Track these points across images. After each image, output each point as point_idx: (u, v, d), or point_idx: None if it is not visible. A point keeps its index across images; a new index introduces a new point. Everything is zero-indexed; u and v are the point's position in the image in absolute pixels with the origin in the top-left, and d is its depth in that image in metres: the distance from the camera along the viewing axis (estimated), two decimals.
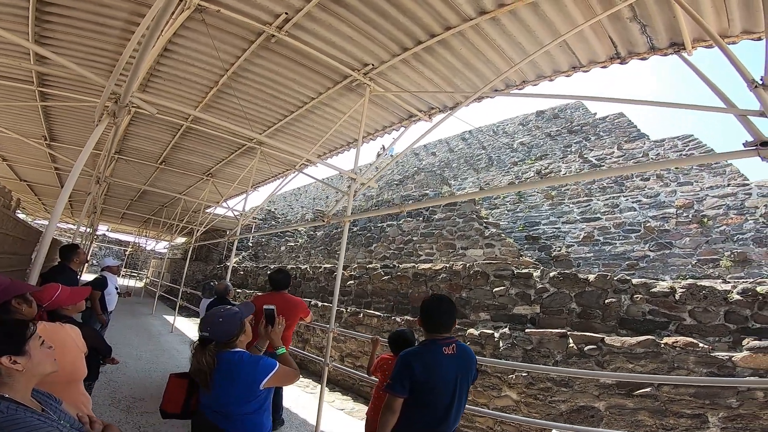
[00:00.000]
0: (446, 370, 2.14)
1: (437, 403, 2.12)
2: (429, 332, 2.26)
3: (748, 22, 2.96)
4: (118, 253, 31.03)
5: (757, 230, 7.74)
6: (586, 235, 9.99)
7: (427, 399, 2.10)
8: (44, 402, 1.33)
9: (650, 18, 3.15)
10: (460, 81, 4.50)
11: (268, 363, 1.97)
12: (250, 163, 7.72)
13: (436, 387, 2.10)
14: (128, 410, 4.29)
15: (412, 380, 2.08)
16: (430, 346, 2.19)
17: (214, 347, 1.95)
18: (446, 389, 2.13)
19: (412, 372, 2.08)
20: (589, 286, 5.16)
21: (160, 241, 21.37)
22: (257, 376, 1.92)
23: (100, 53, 4.49)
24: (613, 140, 12.91)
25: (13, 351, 1.21)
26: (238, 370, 1.91)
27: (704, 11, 2.92)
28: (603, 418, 4.02)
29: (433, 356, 2.14)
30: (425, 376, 2.08)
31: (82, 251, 4.45)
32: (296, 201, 28.60)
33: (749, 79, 2.26)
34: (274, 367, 1.97)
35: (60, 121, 6.90)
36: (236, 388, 1.91)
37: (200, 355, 1.92)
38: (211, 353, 1.92)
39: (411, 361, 2.11)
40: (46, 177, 11.47)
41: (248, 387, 1.92)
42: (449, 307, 2.28)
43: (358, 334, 6.20)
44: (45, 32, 4.16)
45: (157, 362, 6.62)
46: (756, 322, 4.15)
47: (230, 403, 1.91)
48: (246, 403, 1.93)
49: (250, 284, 12.81)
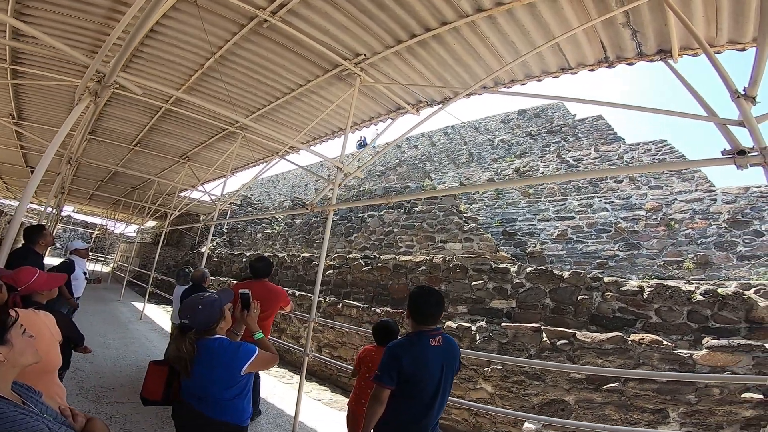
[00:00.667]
0: (433, 362, 2.17)
1: (423, 394, 2.15)
2: (417, 324, 2.28)
3: (736, 32, 3.07)
4: (85, 236, 29.82)
5: (719, 235, 8.17)
6: (560, 233, 10.31)
7: (413, 390, 2.14)
8: (24, 395, 1.24)
9: (642, 24, 3.24)
10: (451, 76, 4.53)
11: (248, 348, 2.00)
12: (230, 148, 7.55)
13: (422, 378, 2.14)
14: (98, 400, 4.18)
15: (399, 372, 2.11)
16: (418, 337, 2.22)
17: (194, 334, 1.96)
18: (432, 380, 2.17)
19: (400, 364, 2.11)
20: (563, 282, 5.35)
21: (130, 224, 20.65)
22: (237, 362, 1.95)
23: (81, 32, 4.29)
24: (591, 142, 13.30)
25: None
26: (218, 356, 1.94)
27: (696, 19, 3.01)
28: (572, 411, 4.21)
29: (420, 348, 2.17)
30: (413, 368, 2.11)
31: (48, 233, 4.19)
32: (274, 188, 28.18)
33: (732, 89, 2.37)
34: (254, 353, 2.00)
35: (30, 100, 6.57)
36: (217, 374, 1.93)
37: (180, 343, 1.93)
38: (191, 340, 1.93)
39: (399, 353, 2.15)
40: (10, 155, 10.88)
41: (229, 373, 1.94)
42: (438, 299, 2.30)
43: (339, 324, 6.23)
44: (25, 9, 3.94)
45: (126, 351, 6.45)
46: (715, 321, 4.41)
47: (211, 389, 1.93)
48: (227, 389, 1.95)
49: (225, 271, 12.60)
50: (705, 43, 2.57)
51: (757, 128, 2.25)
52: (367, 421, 2.16)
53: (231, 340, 2.07)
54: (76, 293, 5.36)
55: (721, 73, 2.43)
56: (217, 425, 1.96)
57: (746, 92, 2.28)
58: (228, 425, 1.98)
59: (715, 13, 2.96)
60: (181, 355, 1.90)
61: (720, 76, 2.44)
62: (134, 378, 5.05)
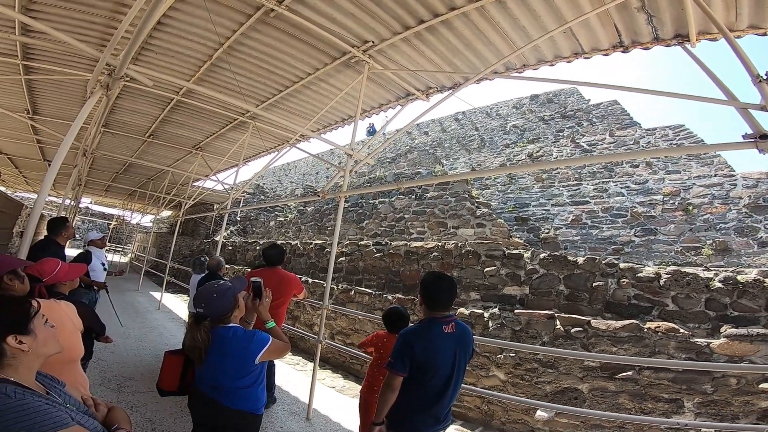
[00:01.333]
0: (445, 349, 2.16)
1: (436, 381, 2.15)
2: (429, 310, 2.26)
3: (757, 17, 2.97)
4: (102, 227, 30.43)
5: (739, 220, 7.96)
6: (575, 218, 10.16)
7: (426, 377, 2.13)
8: (48, 385, 1.26)
9: (658, 9, 3.14)
10: (461, 62, 4.45)
11: (262, 337, 2.01)
12: (241, 138, 7.59)
13: (435, 365, 2.13)
14: (119, 390, 4.29)
15: (412, 359, 2.11)
16: (431, 324, 2.20)
17: (208, 323, 1.97)
18: (445, 367, 2.16)
19: (413, 351, 2.10)
20: (577, 268, 5.29)
21: (146, 214, 21.00)
22: (252, 350, 1.95)
23: (89, 26, 4.32)
24: (606, 127, 12.99)
25: (18, 330, 1.14)
26: (232, 345, 1.95)
27: (714, 4, 2.91)
28: (586, 400, 4.20)
29: (433, 335, 2.16)
30: (426, 355, 2.11)
31: (70, 225, 4.30)
32: (285, 176, 28.31)
33: (754, 73, 2.29)
34: (268, 342, 2.01)
35: (44, 95, 6.67)
36: (231, 363, 1.94)
37: (195, 332, 1.94)
38: (205, 329, 1.94)
39: (412, 340, 2.14)
40: (27, 150, 11.12)
41: (243, 362, 1.95)
42: (450, 285, 2.28)
43: (351, 311, 6.29)
44: (32, 5, 3.97)
45: (145, 340, 6.60)
46: (734, 310, 4.32)
47: (226, 377, 1.94)
48: (241, 378, 1.96)
49: (239, 260, 12.78)
50: (725, 28, 2.49)
51: None
52: (379, 407, 2.18)
53: (245, 329, 2.08)
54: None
55: (742, 58, 2.34)
56: (233, 413, 1.96)
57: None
58: (243, 413, 1.99)
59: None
60: (196, 344, 1.92)
61: (741, 60, 2.35)
62: (154, 367, 5.15)
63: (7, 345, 1.12)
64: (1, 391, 1.04)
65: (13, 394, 1.05)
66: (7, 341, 1.12)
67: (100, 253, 5.73)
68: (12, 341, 1.12)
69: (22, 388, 1.09)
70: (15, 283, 1.78)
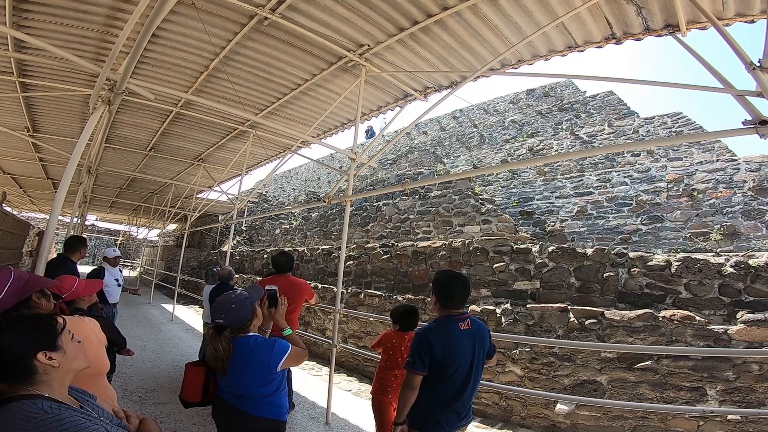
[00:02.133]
0: (463, 346, 2.17)
1: (456, 378, 2.15)
2: (444, 308, 2.26)
3: (742, 4, 2.99)
4: (110, 243, 30.66)
5: (745, 203, 7.90)
6: (580, 209, 10.12)
7: (446, 374, 2.13)
8: (81, 399, 1.29)
9: (646, 0, 3.14)
10: (457, 61, 4.45)
11: (283, 346, 2.03)
12: (242, 147, 7.62)
13: (454, 363, 2.13)
14: (141, 401, 4.34)
15: (431, 357, 2.11)
16: (447, 322, 2.21)
17: (229, 333, 2.00)
18: (464, 364, 2.16)
19: (431, 349, 2.10)
20: (587, 260, 5.26)
21: (152, 228, 21.12)
22: (273, 359, 1.97)
23: (83, 40, 4.34)
24: (604, 117, 12.93)
25: (47, 347, 1.17)
26: (253, 354, 1.97)
27: None
28: (606, 391, 4.16)
29: (450, 332, 2.16)
30: (445, 353, 2.11)
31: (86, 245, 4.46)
32: (287, 183, 28.37)
33: (747, 61, 2.29)
34: (288, 349, 2.03)
35: (43, 112, 6.71)
36: (253, 372, 1.96)
37: (216, 342, 1.96)
38: (227, 339, 1.97)
39: (430, 338, 2.14)
40: (30, 169, 11.21)
41: (265, 370, 1.97)
42: (464, 282, 2.29)
43: (362, 313, 6.29)
44: (24, 21, 4.00)
45: (162, 352, 6.68)
46: (749, 295, 4.27)
47: (249, 386, 1.97)
48: (264, 386, 1.98)
49: (247, 268, 12.81)
50: (713, 17, 2.51)
51: None
52: (400, 407, 2.18)
53: (264, 337, 2.10)
54: (111, 300, 5.61)
55: (734, 46, 2.35)
56: (257, 421, 1.99)
57: (762, 64, 2.20)
58: (268, 421, 2.02)
59: None
60: (218, 354, 1.94)
61: (732, 48, 2.36)
62: (173, 378, 5.24)
63: (38, 362, 1.14)
64: (39, 407, 1.06)
65: (49, 408, 1.07)
66: (37, 358, 1.14)
67: (114, 270, 5.84)
68: (42, 358, 1.14)
69: (57, 403, 1.11)
70: (42, 301, 1.80)
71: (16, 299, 1.63)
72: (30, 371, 1.13)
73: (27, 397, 1.08)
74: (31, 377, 1.13)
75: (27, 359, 1.13)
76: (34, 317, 1.28)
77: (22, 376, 1.12)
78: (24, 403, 1.06)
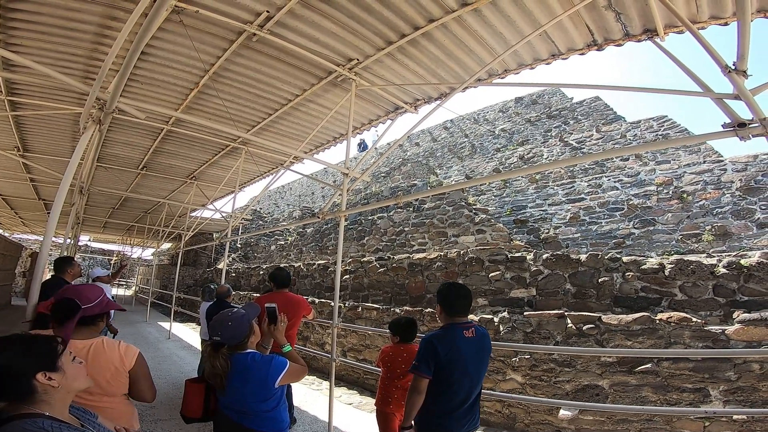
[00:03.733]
0: (467, 353, 2.24)
1: (460, 385, 2.21)
2: (449, 316, 2.35)
3: (716, 7, 3.07)
4: (103, 263, 30.37)
5: (734, 203, 7.99)
6: (573, 215, 10.18)
7: (450, 380, 2.19)
8: (81, 417, 1.33)
9: (624, 6, 3.24)
10: (445, 72, 4.51)
11: (280, 362, 2.06)
12: (234, 164, 7.61)
13: (457, 368, 2.19)
14: (141, 418, 4.22)
15: (436, 362, 2.17)
16: (451, 329, 2.29)
17: (226, 350, 2.02)
18: (467, 371, 2.22)
19: (437, 354, 2.17)
20: (581, 266, 5.28)
21: (146, 248, 20.94)
22: (271, 375, 1.99)
23: (72, 58, 4.35)
24: (591, 123, 13.13)
25: (46, 367, 1.21)
26: (251, 370, 1.99)
27: None
28: (608, 395, 4.14)
29: (454, 339, 2.24)
30: (449, 358, 2.18)
31: (77, 263, 4.42)
32: (281, 199, 28.35)
33: (723, 64, 2.35)
34: (286, 366, 2.05)
35: (33, 131, 6.66)
36: (252, 388, 1.99)
37: (214, 359, 1.99)
38: (224, 356, 1.99)
39: (435, 344, 2.21)
40: (21, 190, 11.10)
41: (263, 386, 1.99)
42: (465, 292, 2.39)
43: (361, 327, 6.26)
44: (11, 39, 4.01)
45: (160, 369, 6.63)
46: (743, 294, 4.30)
47: (249, 402, 2.00)
48: (263, 402, 2.01)
49: (243, 285, 12.71)
50: (687, 21, 2.57)
51: (753, 100, 2.24)
52: (407, 411, 2.23)
53: (262, 354, 2.13)
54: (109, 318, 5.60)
55: (709, 50, 2.41)
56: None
57: (736, 67, 2.26)
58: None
59: None
60: (216, 371, 1.97)
61: (708, 52, 2.42)
62: (172, 395, 5.22)
63: (38, 381, 1.17)
64: (39, 426, 1.10)
65: (50, 427, 1.11)
66: (36, 378, 1.17)
67: (107, 289, 5.89)
68: (41, 378, 1.18)
69: (58, 422, 1.15)
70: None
71: (99, 311, 1.80)
72: (29, 390, 1.17)
73: (28, 416, 1.12)
74: (31, 396, 1.17)
75: (26, 379, 1.16)
76: (33, 339, 1.31)
77: (21, 395, 1.16)
78: (25, 422, 1.10)
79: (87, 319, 1.83)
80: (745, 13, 2.09)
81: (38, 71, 3.44)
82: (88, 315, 1.82)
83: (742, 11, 2.10)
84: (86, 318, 1.82)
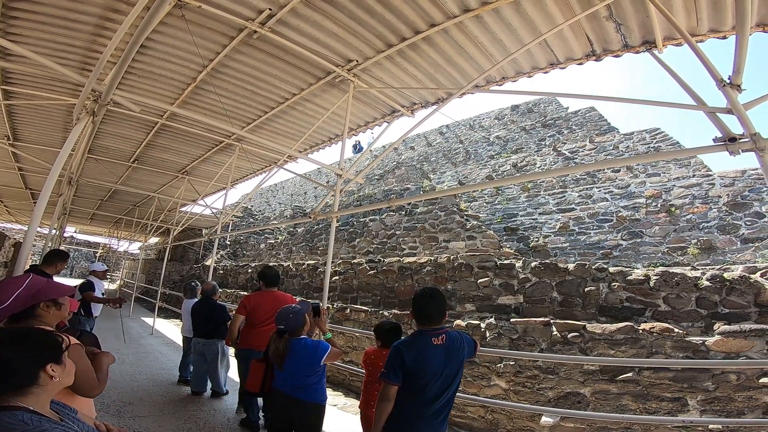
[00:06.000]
0: (434, 360, 2.25)
1: (427, 391, 2.22)
2: (420, 324, 2.38)
3: (715, 20, 3.13)
4: (89, 255, 29.90)
5: (720, 218, 8.15)
6: (562, 225, 10.29)
7: (417, 386, 2.21)
8: (61, 412, 1.32)
9: (625, 17, 3.29)
10: (443, 77, 4.55)
11: (324, 345, 2.77)
12: (228, 161, 7.57)
13: (425, 375, 2.21)
14: (119, 415, 4.21)
15: (404, 369, 2.19)
16: (420, 336, 2.32)
17: (287, 336, 2.72)
18: (435, 377, 2.23)
19: (403, 361, 2.20)
20: (569, 275, 5.34)
21: (133, 241, 20.68)
22: (317, 355, 2.70)
23: (70, 49, 4.32)
24: (585, 133, 13.29)
25: (54, 360, 1.23)
26: (304, 352, 2.69)
27: (675, 10, 3.06)
28: (589, 403, 4.19)
29: (422, 346, 2.26)
30: (416, 365, 2.19)
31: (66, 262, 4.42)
32: (273, 197, 28.21)
33: (718, 78, 2.40)
34: (328, 348, 2.76)
35: (25, 120, 6.58)
36: (303, 366, 2.68)
37: (278, 343, 2.71)
38: (285, 341, 2.71)
39: (402, 351, 2.24)
40: (9, 178, 10.91)
41: (312, 364, 2.69)
42: (438, 300, 2.39)
43: (348, 329, 6.25)
44: (11, 28, 3.97)
45: (141, 365, 6.50)
46: (725, 307, 4.39)
47: (301, 377, 2.68)
48: (311, 376, 2.70)
49: (231, 283, 12.61)
50: (686, 33, 2.63)
51: (745, 115, 2.28)
52: (377, 419, 2.24)
53: (311, 339, 2.83)
54: (95, 311, 5.62)
55: (705, 63, 2.46)
56: (310, 405, 2.71)
57: (731, 80, 2.31)
58: (317, 404, 2.76)
59: (693, 2, 3.01)
60: (278, 352, 2.67)
61: (704, 65, 2.47)
62: (152, 392, 5.12)
63: (45, 372, 1.19)
64: (19, 419, 1.08)
65: (30, 420, 1.09)
66: (46, 369, 1.19)
67: (101, 284, 5.86)
68: (50, 369, 1.20)
69: (38, 416, 1.13)
70: (51, 311, 1.77)
71: (21, 308, 1.65)
72: (32, 381, 1.17)
73: (7, 408, 1.10)
74: (28, 387, 1.16)
75: (36, 369, 1.18)
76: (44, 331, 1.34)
77: (22, 384, 1.16)
78: (4, 414, 1.07)
79: (17, 317, 1.67)
80: (744, 26, 2.13)
81: (35, 61, 3.41)
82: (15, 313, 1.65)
83: (742, 24, 2.14)
84: (15, 316, 1.66)
